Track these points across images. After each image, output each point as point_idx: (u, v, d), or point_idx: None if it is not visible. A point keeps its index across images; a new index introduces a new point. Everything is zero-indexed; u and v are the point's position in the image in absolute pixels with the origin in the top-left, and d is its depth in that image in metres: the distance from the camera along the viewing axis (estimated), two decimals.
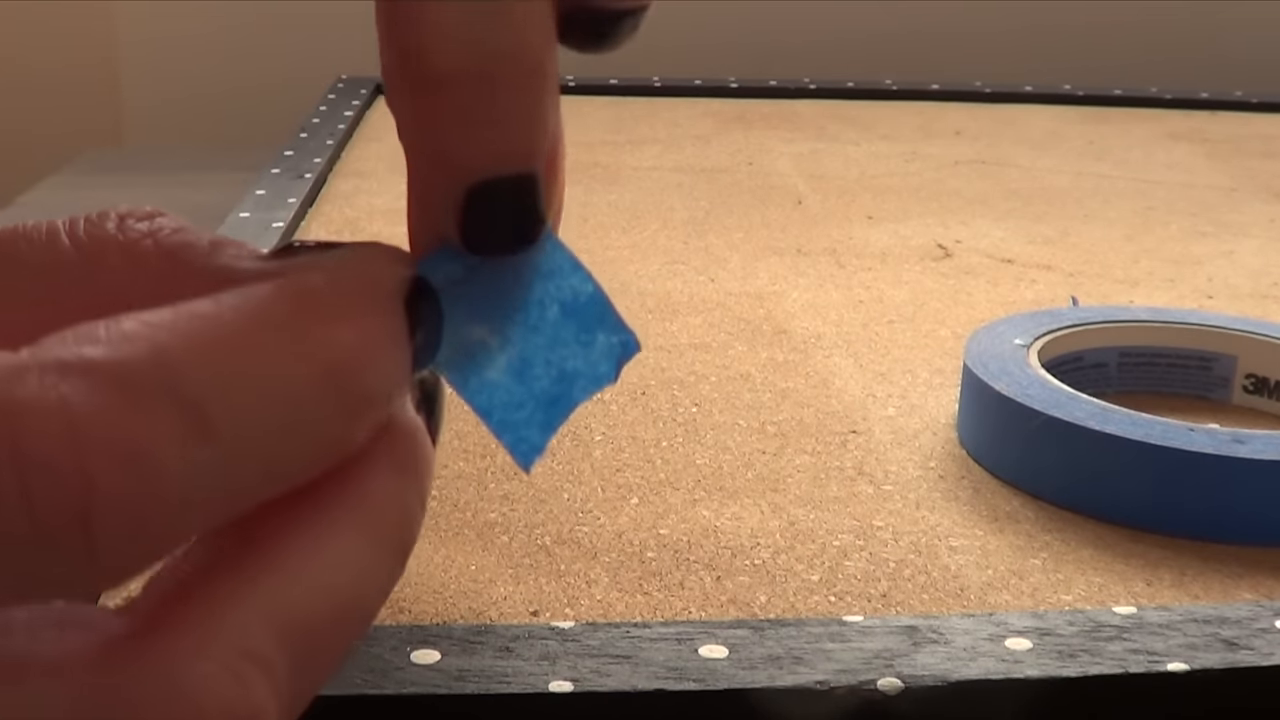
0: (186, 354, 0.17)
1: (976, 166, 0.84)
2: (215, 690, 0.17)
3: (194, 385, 0.16)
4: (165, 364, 0.16)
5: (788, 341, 0.54)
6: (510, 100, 0.20)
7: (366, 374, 0.18)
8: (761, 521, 0.40)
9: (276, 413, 0.17)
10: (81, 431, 0.15)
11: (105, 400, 0.16)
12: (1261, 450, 0.39)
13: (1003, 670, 0.31)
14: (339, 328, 0.18)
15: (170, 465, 0.16)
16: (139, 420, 0.16)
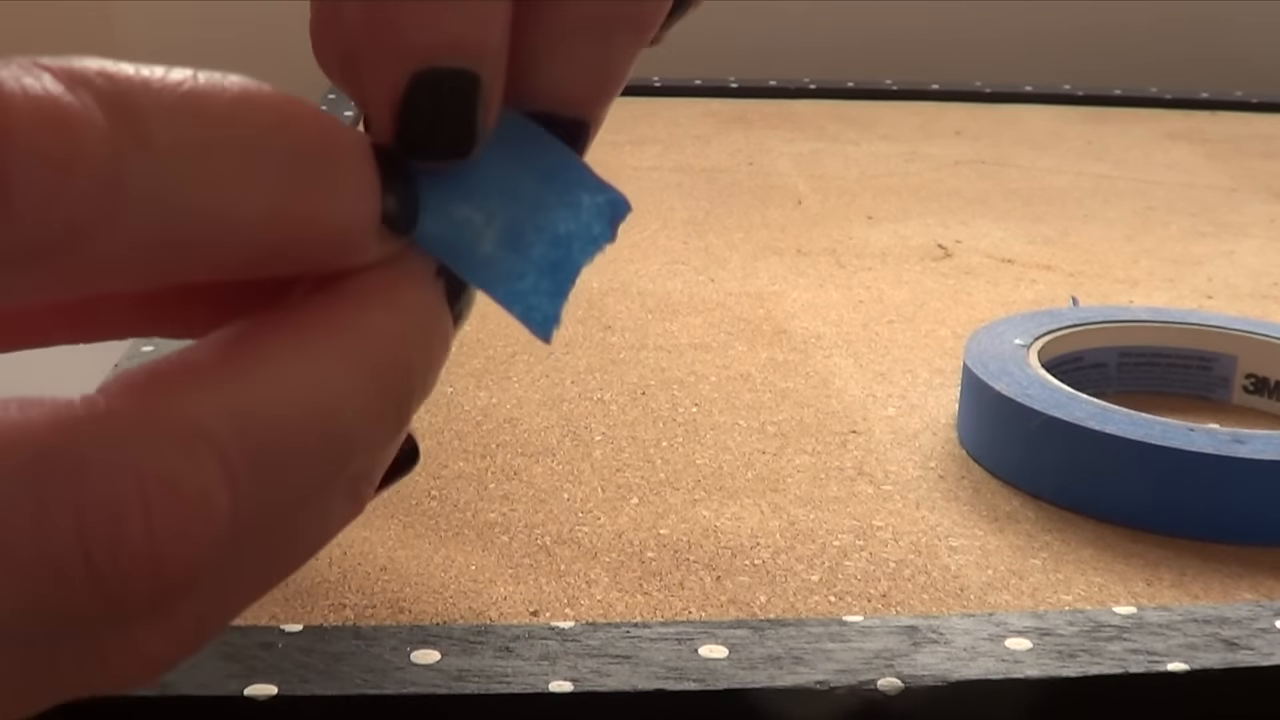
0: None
1: (976, 166, 0.84)
2: (161, 460, 0.17)
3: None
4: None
5: (788, 341, 0.54)
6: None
7: (323, 160, 0.18)
8: (761, 521, 0.40)
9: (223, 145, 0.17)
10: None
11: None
12: (1261, 450, 0.39)
13: (1003, 670, 0.31)
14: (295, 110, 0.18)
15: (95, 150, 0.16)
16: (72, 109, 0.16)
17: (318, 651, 0.31)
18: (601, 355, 0.52)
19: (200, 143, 0.17)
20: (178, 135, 0.17)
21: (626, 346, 0.53)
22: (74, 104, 0.16)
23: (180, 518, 0.16)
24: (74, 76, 0.16)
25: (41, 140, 0.15)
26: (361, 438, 0.19)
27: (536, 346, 0.53)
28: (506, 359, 0.52)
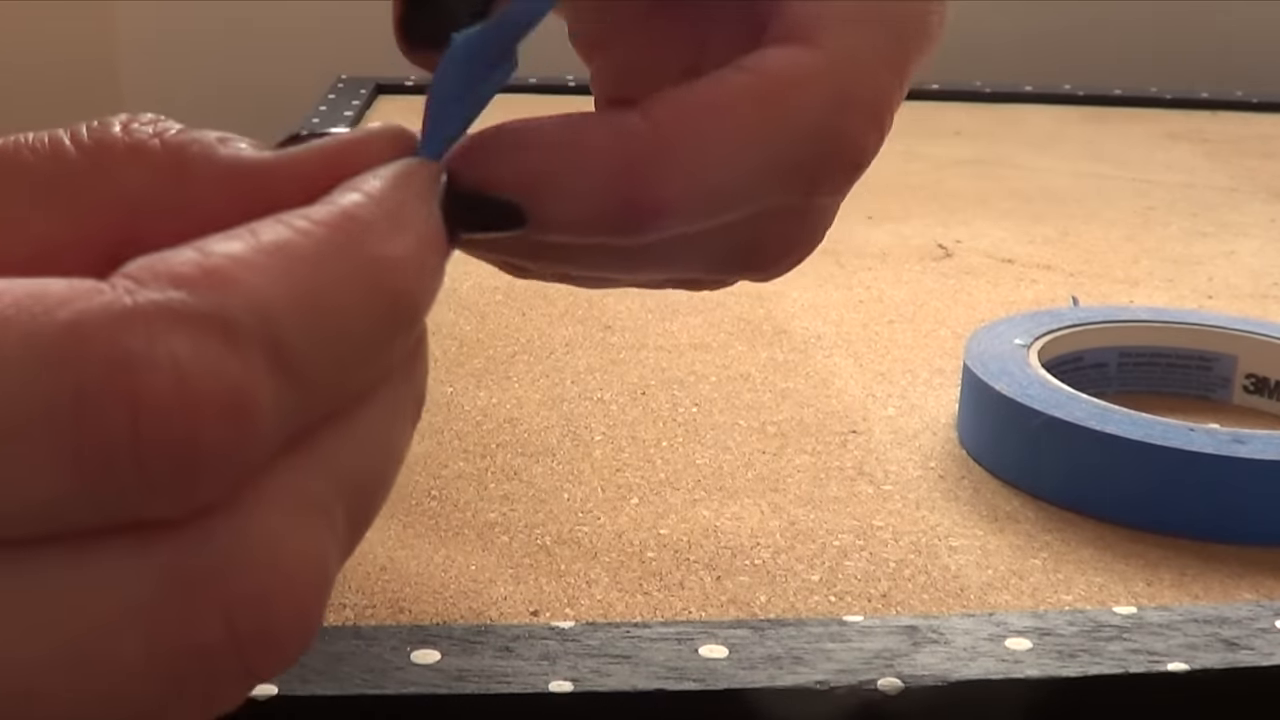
0: (273, 298, 0.17)
1: (976, 166, 0.84)
2: (287, 540, 0.18)
3: (281, 330, 0.17)
4: (259, 311, 0.17)
5: (788, 341, 0.54)
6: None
7: (420, 292, 0.20)
8: (761, 521, 0.40)
9: (347, 346, 0.18)
10: (190, 385, 0.16)
11: (211, 354, 0.16)
12: (1261, 450, 0.39)
13: (1003, 670, 0.31)
14: (397, 251, 0.19)
15: (263, 409, 0.17)
16: (239, 371, 0.17)
17: (318, 651, 0.31)
18: (601, 355, 0.52)
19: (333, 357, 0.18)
20: (313, 354, 0.18)
21: (626, 346, 0.53)
22: (248, 385, 0.17)
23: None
24: (227, 328, 0.17)
25: (225, 433, 0.16)
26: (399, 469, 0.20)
27: (536, 346, 0.53)
28: (506, 359, 0.52)
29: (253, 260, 0.17)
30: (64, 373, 0.16)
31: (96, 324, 0.16)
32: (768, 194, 0.24)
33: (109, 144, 0.21)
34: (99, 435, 0.16)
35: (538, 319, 0.56)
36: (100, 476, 0.16)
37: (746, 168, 0.23)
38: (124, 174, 0.21)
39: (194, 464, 0.16)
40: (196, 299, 0.17)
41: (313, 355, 0.18)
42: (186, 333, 0.16)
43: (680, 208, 0.23)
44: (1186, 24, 1.21)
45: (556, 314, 0.57)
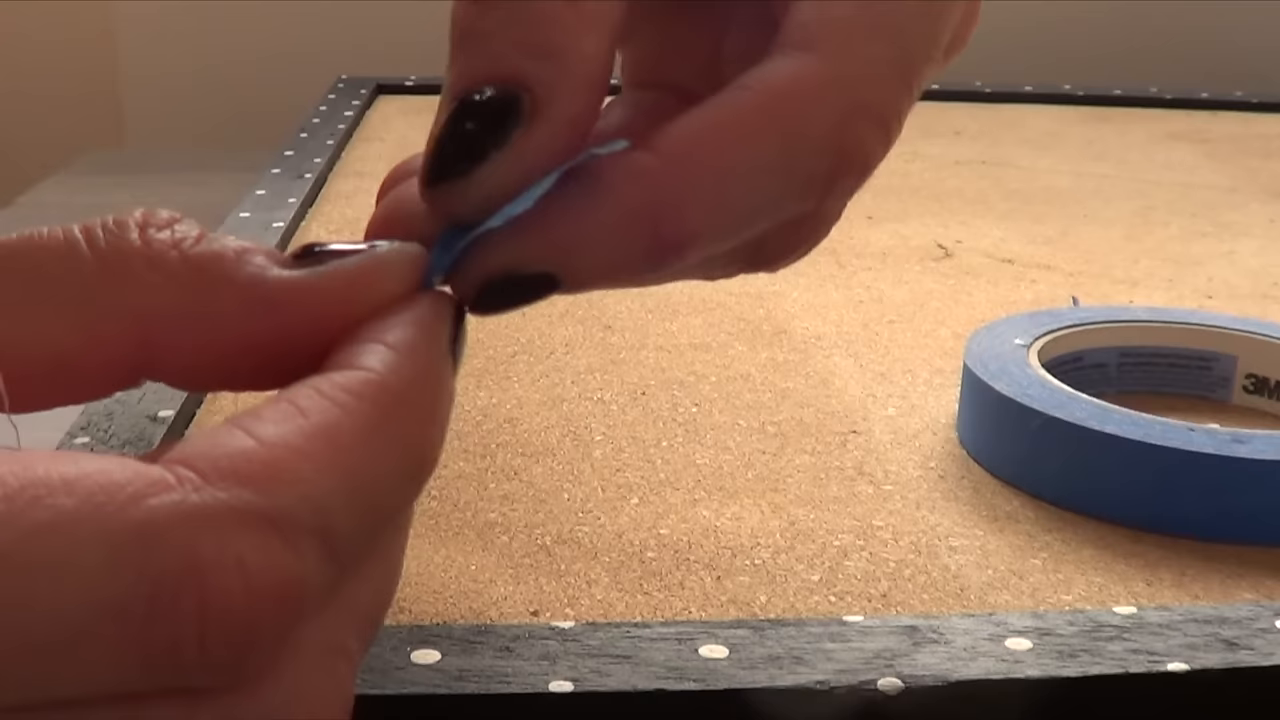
0: (325, 489, 0.19)
1: (976, 166, 0.84)
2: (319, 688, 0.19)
3: (331, 518, 0.19)
4: (313, 505, 0.18)
5: (788, 341, 0.54)
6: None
7: (440, 445, 0.21)
8: (761, 521, 0.40)
9: (384, 516, 0.20)
10: (254, 584, 0.17)
11: (273, 553, 0.18)
12: (1261, 450, 0.39)
13: (1003, 670, 0.31)
14: (428, 418, 0.21)
15: (313, 593, 0.18)
16: (297, 565, 0.18)
17: None
18: (601, 355, 0.52)
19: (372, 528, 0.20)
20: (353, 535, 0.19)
21: (626, 346, 0.53)
22: (304, 576, 0.18)
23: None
24: (287, 527, 0.18)
25: (281, 620, 0.18)
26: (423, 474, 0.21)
27: (536, 346, 0.53)
28: (506, 359, 0.52)
29: (304, 449, 0.19)
30: (139, 574, 0.17)
31: (167, 525, 0.17)
32: (784, 207, 0.24)
33: (126, 253, 0.21)
34: (169, 634, 0.17)
35: (538, 319, 0.56)
36: (164, 668, 0.17)
37: (762, 185, 0.24)
38: (141, 286, 0.21)
39: (251, 649, 0.18)
40: (258, 499, 0.18)
41: (356, 533, 0.19)
42: (251, 534, 0.18)
43: (704, 235, 0.23)
44: (1186, 24, 1.21)
45: (556, 314, 0.56)
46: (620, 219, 0.23)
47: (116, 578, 0.17)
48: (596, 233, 0.23)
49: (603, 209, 0.23)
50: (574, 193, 0.23)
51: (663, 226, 0.23)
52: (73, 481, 0.17)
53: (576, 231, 0.23)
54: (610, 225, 0.23)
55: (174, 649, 0.17)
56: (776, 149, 0.23)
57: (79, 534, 0.17)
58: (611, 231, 0.23)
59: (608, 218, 0.23)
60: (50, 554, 0.16)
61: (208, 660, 0.17)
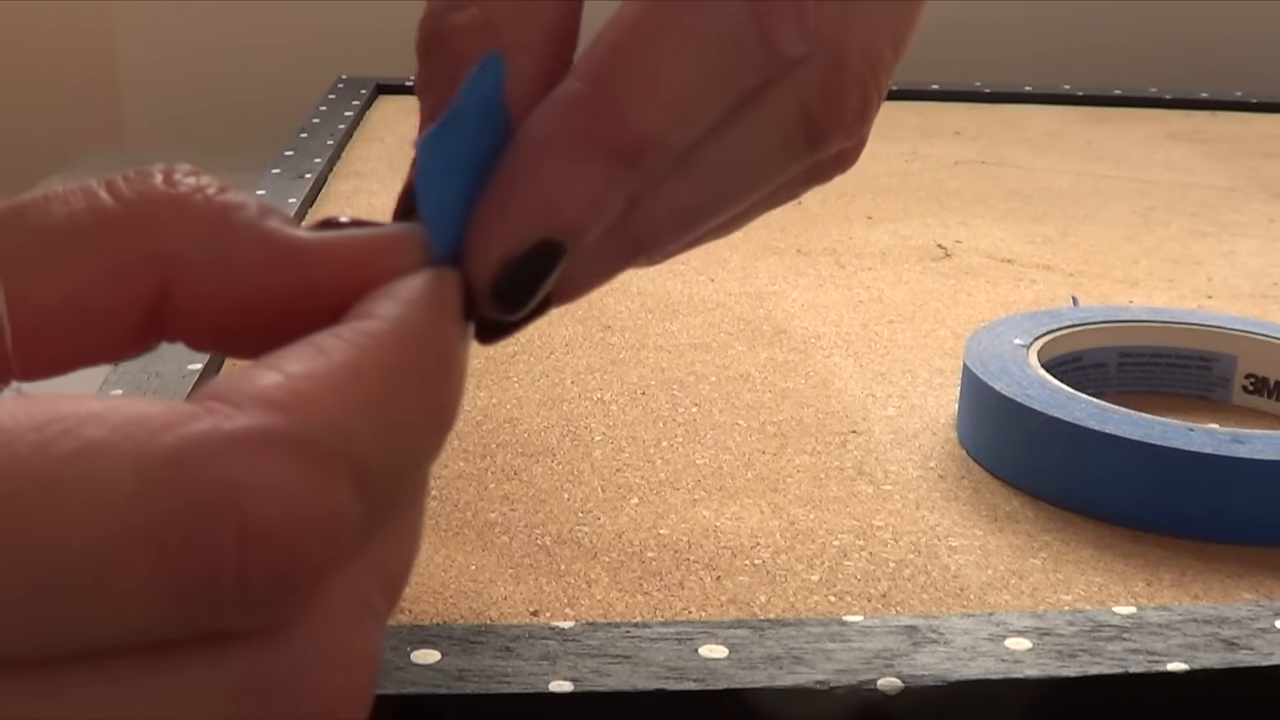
0: (354, 422, 0.18)
1: (976, 166, 0.84)
2: (350, 643, 0.19)
3: (361, 452, 0.18)
4: (345, 437, 0.18)
5: (788, 341, 0.54)
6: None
7: (458, 401, 0.21)
8: (761, 521, 0.40)
9: (408, 459, 0.20)
10: (295, 510, 0.17)
11: (311, 480, 0.17)
12: (1261, 450, 0.39)
13: (1003, 670, 0.31)
14: (444, 365, 0.21)
15: (348, 527, 0.18)
16: (333, 495, 0.18)
17: None
18: (601, 355, 0.52)
19: (398, 466, 0.19)
20: (388, 470, 0.19)
21: (626, 346, 0.53)
22: (340, 508, 0.18)
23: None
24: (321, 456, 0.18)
25: (321, 552, 0.17)
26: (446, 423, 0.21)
27: (536, 346, 0.53)
28: (506, 359, 0.52)
29: (331, 383, 0.18)
30: (174, 498, 0.16)
31: (202, 449, 0.17)
32: (735, 72, 0.24)
33: (151, 195, 0.21)
34: (207, 560, 0.16)
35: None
36: (201, 599, 0.17)
37: (694, 60, 0.24)
38: (167, 225, 0.21)
39: (291, 582, 0.17)
40: (292, 426, 0.18)
41: (384, 472, 0.19)
42: (288, 460, 0.17)
43: (657, 127, 0.23)
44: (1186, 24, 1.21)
45: (556, 314, 0.57)
46: (575, 152, 0.23)
47: (151, 503, 0.16)
48: (561, 176, 0.23)
49: (555, 152, 0.23)
50: (524, 150, 0.23)
51: (614, 138, 0.23)
52: (101, 414, 0.17)
53: (543, 186, 0.23)
54: (570, 162, 0.23)
55: (212, 577, 0.16)
56: (686, 21, 0.23)
57: (110, 460, 0.16)
58: (573, 167, 0.23)
59: (563, 156, 0.23)
60: (81, 480, 0.16)
61: (247, 592, 0.17)
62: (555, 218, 0.23)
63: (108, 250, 0.21)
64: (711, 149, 0.25)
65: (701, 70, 0.24)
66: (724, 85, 0.24)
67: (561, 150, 0.23)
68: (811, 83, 0.25)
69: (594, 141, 0.23)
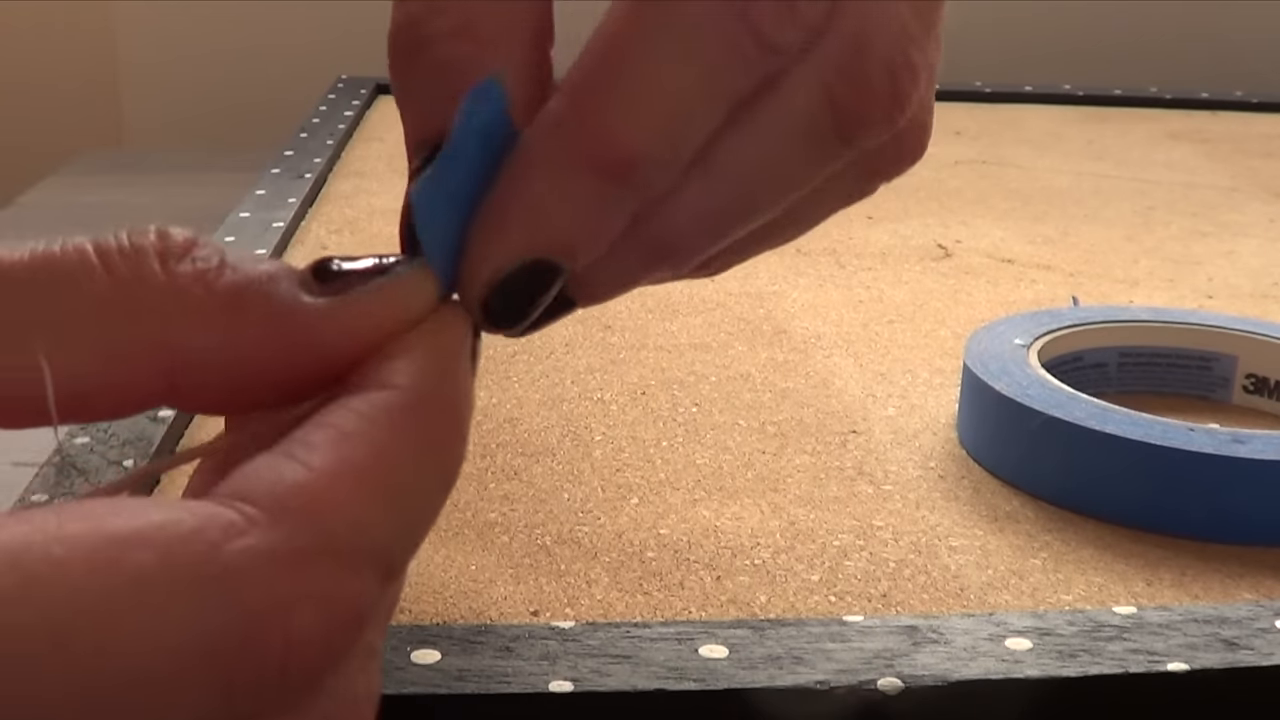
0: (375, 513, 0.19)
1: (976, 166, 0.84)
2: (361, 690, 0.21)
3: (383, 538, 0.20)
4: (365, 529, 0.19)
5: (788, 341, 0.54)
6: None
7: (465, 449, 0.22)
8: (761, 521, 0.40)
9: (423, 530, 0.21)
10: (331, 616, 0.19)
11: (342, 582, 0.19)
12: (1261, 450, 0.39)
13: (1003, 670, 0.31)
14: (457, 429, 0.21)
15: (371, 611, 0.20)
16: (364, 593, 0.19)
17: None
18: (601, 355, 0.52)
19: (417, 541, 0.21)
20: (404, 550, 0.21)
21: (626, 346, 0.53)
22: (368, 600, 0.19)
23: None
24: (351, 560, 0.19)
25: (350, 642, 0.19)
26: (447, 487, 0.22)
27: (536, 346, 0.53)
28: (506, 359, 0.52)
29: (353, 475, 0.20)
30: (227, 618, 0.18)
31: (248, 571, 0.18)
32: (727, 73, 0.23)
33: (147, 282, 0.20)
34: (255, 669, 0.18)
35: None
36: (244, 698, 0.18)
37: (677, 70, 0.23)
38: (165, 319, 0.20)
39: (324, 669, 0.19)
40: (321, 536, 0.19)
41: (403, 550, 0.20)
42: (323, 570, 0.19)
43: (646, 140, 0.23)
44: (1186, 24, 1.21)
45: None
46: (563, 173, 0.23)
47: (205, 624, 0.17)
48: (551, 196, 0.23)
49: (543, 172, 0.23)
50: (513, 172, 0.23)
51: (602, 157, 0.23)
52: (148, 537, 0.18)
53: (533, 206, 0.23)
54: (558, 183, 0.23)
55: (259, 682, 0.18)
56: (665, 30, 0.23)
57: (166, 588, 0.17)
58: (563, 187, 0.23)
59: (551, 177, 0.23)
60: (142, 608, 0.17)
61: (285, 684, 0.18)
62: (545, 238, 0.23)
63: (105, 339, 0.20)
64: (728, 149, 0.24)
65: (688, 76, 0.23)
66: (716, 88, 0.23)
67: (550, 170, 0.23)
68: (830, 67, 0.24)
69: (582, 160, 0.23)
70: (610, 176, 0.23)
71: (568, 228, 0.23)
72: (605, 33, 0.23)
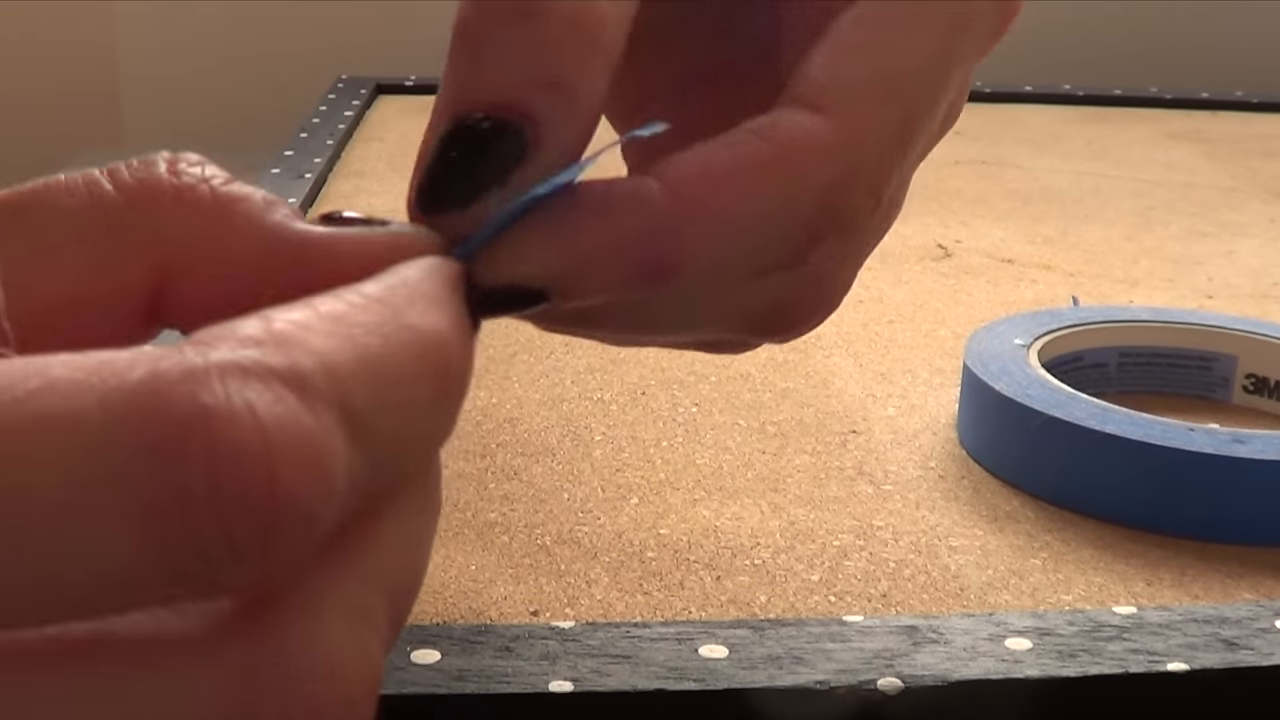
0: (340, 360, 0.17)
1: (976, 166, 0.84)
2: (345, 650, 0.17)
3: (349, 391, 0.17)
4: (332, 374, 0.17)
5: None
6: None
7: (461, 372, 0.19)
8: (761, 521, 0.40)
9: (406, 417, 0.18)
10: (269, 435, 0.16)
11: (288, 406, 0.16)
12: (1261, 450, 0.39)
13: (1003, 670, 0.31)
14: (444, 327, 0.19)
15: (338, 467, 0.17)
16: (315, 425, 0.16)
17: None
18: (601, 355, 0.52)
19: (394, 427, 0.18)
20: (377, 422, 0.17)
21: (627, 347, 0.53)
22: (325, 440, 0.16)
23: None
24: (301, 383, 0.16)
25: (305, 488, 0.16)
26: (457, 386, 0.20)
27: (536, 346, 0.53)
28: (506, 359, 0.52)
29: (318, 326, 0.17)
30: (140, 429, 0.15)
31: (170, 381, 0.16)
32: (770, 255, 0.25)
33: (153, 185, 0.21)
34: (175, 487, 0.15)
35: None
36: (175, 533, 0.15)
37: (756, 232, 0.24)
38: (168, 216, 0.21)
39: (273, 519, 0.16)
40: (268, 356, 0.16)
41: (377, 421, 0.17)
42: (262, 385, 0.16)
43: (695, 267, 0.24)
44: (1186, 24, 1.21)
45: None
46: (619, 242, 0.23)
47: (117, 437, 0.15)
48: (594, 253, 0.23)
49: (603, 230, 0.23)
50: (577, 211, 0.23)
51: (658, 255, 0.23)
52: (69, 359, 0.16)
53: (575, 251, 0.23)
54: (608, 247, 0.23)
55: (182, 507, 0.15)
56: (776, 201, 0.24)
57: (75, 396, 0.15)
58: (608, 253, 0.23)
59: (607, 239, 0.23)
60: (43, 419, 0.15)
61: (224, 526, 0.15)
62: (566, 280, 0.23)
63: (107, 242, 0.20)
64: (684, 300, 0.25)
65: (758, 242, 0.24)
66: (760, 260, 0.24)
67: (610, 233, 0.23)
68: (800, 288, 0.27)
69: (641, 244, 0.23)
70: (653, 272, 0.23)
71: (588, 285, 0.23)
72: (726, 152, 0.24)
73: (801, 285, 0.27)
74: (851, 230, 0.25)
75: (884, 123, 0.25)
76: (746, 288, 0.26)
